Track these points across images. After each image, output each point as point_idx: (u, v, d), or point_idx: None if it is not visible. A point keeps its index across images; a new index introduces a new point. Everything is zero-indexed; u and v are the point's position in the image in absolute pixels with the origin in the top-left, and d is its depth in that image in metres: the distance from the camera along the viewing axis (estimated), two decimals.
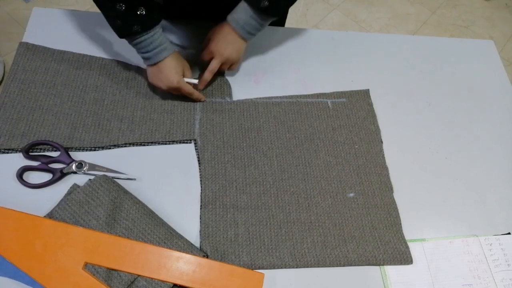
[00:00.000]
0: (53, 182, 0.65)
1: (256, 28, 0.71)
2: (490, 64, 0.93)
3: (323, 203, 0.69)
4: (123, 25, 0.64)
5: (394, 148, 0.77)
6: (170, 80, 0.70)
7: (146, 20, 0.64)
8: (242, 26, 0.70)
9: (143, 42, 0.66)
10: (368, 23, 1.98)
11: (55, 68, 0.76)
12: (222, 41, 0.72)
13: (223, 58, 0.73)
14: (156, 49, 0.67)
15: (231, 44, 0.72)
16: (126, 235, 0.60)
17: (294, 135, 0.76)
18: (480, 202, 0.73)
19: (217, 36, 0.73)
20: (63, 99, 0.73)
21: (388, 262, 0.64)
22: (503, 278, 0.66)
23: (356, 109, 0.81)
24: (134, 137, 0.71)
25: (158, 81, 0.72)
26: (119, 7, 0.62)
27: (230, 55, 0.73)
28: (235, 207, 0.67)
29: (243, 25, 0.70)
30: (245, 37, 0.72)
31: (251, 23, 0.70)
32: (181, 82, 0.71)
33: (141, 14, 0.63)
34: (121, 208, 0.62)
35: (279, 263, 0.62)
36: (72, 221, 0.60)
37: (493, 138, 0.82)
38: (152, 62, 0.69)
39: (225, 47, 0.72)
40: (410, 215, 0.70)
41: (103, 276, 0.56)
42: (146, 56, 0.69)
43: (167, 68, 0.70)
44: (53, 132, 0.69)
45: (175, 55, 0.71)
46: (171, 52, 0.69)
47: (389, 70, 0.88)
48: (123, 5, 0.62)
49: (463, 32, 2.01)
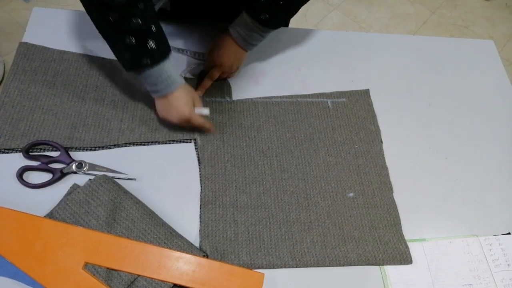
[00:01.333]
0: (53, 182, 0.65)
1: (257, 39, 0.73)
2: (490, 64, 0.93)
3: (322, 202, 0.69)
4: (132, 58, 0.61)
5: (394, 148, 0.77)
6: (180, 112, 0.66)
7: (157, 52, 0.61)
8: (243, 38, 0.72)
9: (152, 75, 0.63)
10: (368, 23, 1.98)
11: (55, 68, 0.76)
12: (223, 51, 0.73)
13: (224, 68, 0.75)
14: (165, 81, 0.64)
15: (233, 54, 0.73)
16: (126, 235, 0.60)
17: (294, 135, 0.76)
18: (480, 202, 0.73)
19: (219, 46, 0.74)
20: (63, 99, 0.73)
21: (387, 262, 0.64)
22: (503, 278, 0.66)
23: (356, 109, 0.81)
24: (134, 137, 0.71)
25: (168, 115, 0.68)
26: (128, 40, 0.58)
27: (231, 64, 0.75)
28: (235, 206, 0.67)
29: (244, 37, 0.72)
30: (246, 48, 0.74)
31: (252, 35, 0.71)
32: (192, 114, 0.68)
33: (151, 47, 0.60)
34: (121, 208, 0.62)
35: (279, 262, 0.62)
36: (72, 221, 0.60)
37: (493, 138, 0.82)
38: (161, 94, 0.66)
39: (227, 58, 0.73)
40: (410, 215, 0.70)
41: (103, 276, 0.56)
42: (155, 89, 0.65)
43: (177, 100, 0.66)
44: (53, 132, 0.69)
45: (184, 87, 0.68)
46: (180, 84, 0.66)
47: (389, 70, 0.88)
48: (132, 38, 0.58)
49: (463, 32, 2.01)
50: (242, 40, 0.72)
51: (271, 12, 0.68)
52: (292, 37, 0.89)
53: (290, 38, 0.89)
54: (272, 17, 0.68)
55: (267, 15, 0.67)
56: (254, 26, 0.70)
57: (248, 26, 0.70)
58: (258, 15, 0.68)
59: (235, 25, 0.72)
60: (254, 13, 0.68)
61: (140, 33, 0.59)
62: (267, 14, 0.67)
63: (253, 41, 0.73)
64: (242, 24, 0.71)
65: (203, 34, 0.85)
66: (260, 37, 0.73)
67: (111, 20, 0.56)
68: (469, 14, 2.09)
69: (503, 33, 2.04)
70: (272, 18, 0.68)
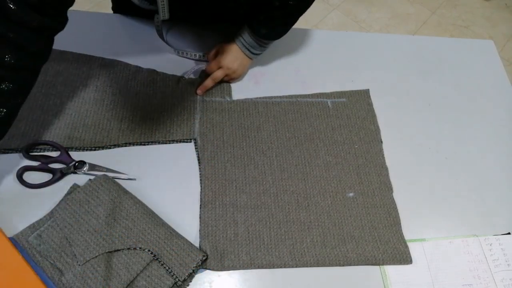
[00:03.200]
0: (53, 182, 0.65)
1: (260, 49, 0.77)
2: (490, 64, 0.93)
3: (322, 202, 0.69)
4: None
5: (394, 148, 0.77)
6: None
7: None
8: (247, 48, 0.76)
9: None
10: (368, 23, 1.98)
11: (55, 68, 0.76)
12: (230, 56, 0.76)
13: (230, 71, 0.76)
14: None
15: (239, 59, 0.77)
16: (126, 234, 0.60)
17: (294, 135, 0.76)
18: (480, 202, 0.73)
19: (226, 51, 0.77)
20: (63, 99, 0.73)
21: (387, 262, 0.64)
22: (503, 278, 0.66)
23: (356, 109, 0.81)
24: (134, 136, 0.71)
25: None
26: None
27: (236, 69, 0.77)
28: (235, 206, 0.67)
29: (248, 47, 0.76)
30: (251, 57, 0.78)
31: (255, 46, 0.76)
32: None
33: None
34: (121, 208, 0.62)
35: (279, 262, 0.62)
36: (73, 220, 0.60)
37: (493, 138, 0.82)
38: None
39: (233, 61, 0.76)
40: (410, 215, 0.70)
41: (102, 276, 0.56)
42: None
43: None
44: (53, 132, 0.69)
45: None
46: None
47: (389, 70, 0.88)
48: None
49: (463, 32, 2.01)
50: (246, 50, 0.76)
51: (270, 26, 0.73)
52: (292, 37, 0.89)
53: (290, 38, 0.88)
54: (270, 31, 0.74)
55: (264, 30, 0.72)
56: (255, 39, 0.75)
57: (251, 37, 0.75)
58: (257, 30, 0.73)
59: (239, 35, 0.76)
60: (254, 28, 0.73)
61: None
62: (265, 30, 0.72)
63: (257, 51, 0.77)
64: (246, 35, 0.75)
65: (203, 35, 0.85)
66: (264, 47, 0.77)
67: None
68: (469, 14, 2.09)
69: (503, 33, 2.04)
70: (270, 31, 0.74)
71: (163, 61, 0.81)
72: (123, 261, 0.58)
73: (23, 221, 0.60)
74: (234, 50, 0.76)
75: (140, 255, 0.58)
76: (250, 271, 0.62)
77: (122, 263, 0.57)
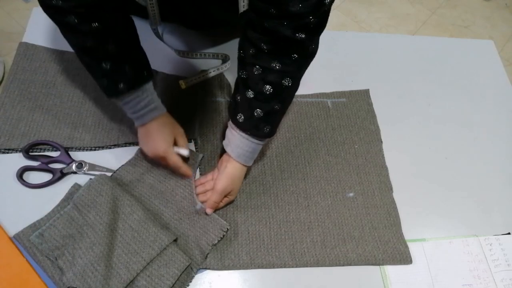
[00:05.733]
0: (53, 182, 0.65)
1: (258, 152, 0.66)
2: (490, 64, 0.93)
3: (322, 202, 0.69)
4: (109, 84, 0.58)
5: (394, 148, 0.77)
6: (156, 147, 0.62)
7: (134, 78, 0.58)
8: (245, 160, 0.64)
9: (131, 102, 0.59)
10: (368, 23, 1.98)
11: (55, 68, 0.76)
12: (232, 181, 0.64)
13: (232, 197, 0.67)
14: (143, 109, 0.60)
15: (239, 179, 0.66)
16: (126, 234, 0.60)
17: (294, 135, 0.76)
18: (480, 202, 0.73)
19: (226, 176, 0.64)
20: (63, 99, 0.73)
21: (387, 262, 0.64)
22: (503, 278, 0.66)
23: (356, 109, 0.81)
24: (134, 137, 0.71)
25: (144, 146, 0.64)
26: (104, 65, 0.56)
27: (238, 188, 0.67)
28: (235, 206, 0.67)
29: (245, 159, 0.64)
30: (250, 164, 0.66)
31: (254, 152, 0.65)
32: (168, 152, 0.62)
33: (127, 72, 0.57)
34: (122, 208, 0.62)
35: (279, 262, 0.62)
36: (75, 219, 0.60)
37: (493, 138, 0.82)
38: (140, 123, 0.62)
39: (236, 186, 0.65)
40: (410, 215, 0.70)
41: (102, 275, 0.56)
42: (134, 117, 0.61)
43: (154, 132, 0.62)
44: (53, 132, 0.69)
45: (167, 120, 0.64)
46: (160, 113, 0.62)
47: (389, 70, 0.88)
48: (108, 63, 0.56)
49: (463, 32, 2.00)
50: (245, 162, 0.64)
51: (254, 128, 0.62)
52: None
53: None
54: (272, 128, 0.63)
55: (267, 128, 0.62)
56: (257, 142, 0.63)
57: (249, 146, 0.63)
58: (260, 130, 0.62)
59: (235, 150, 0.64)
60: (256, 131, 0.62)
61: (116, 59, 0.57)
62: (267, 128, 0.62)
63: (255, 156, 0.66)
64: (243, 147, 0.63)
65: (201, 35, 0.85)
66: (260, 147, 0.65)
67: (87, 46, 0.55)
68: (469, 14, 2.09)
69: (503, 33, 2.04)
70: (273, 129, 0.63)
71: (163, 61, 0.81)
72: (123, 261, 0.58)
73: (23, 220, 0.60)
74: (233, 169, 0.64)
75: (140, 255, 0.58)
76: (250, 271, 0.62)
77: (122, 262, 0.57)
